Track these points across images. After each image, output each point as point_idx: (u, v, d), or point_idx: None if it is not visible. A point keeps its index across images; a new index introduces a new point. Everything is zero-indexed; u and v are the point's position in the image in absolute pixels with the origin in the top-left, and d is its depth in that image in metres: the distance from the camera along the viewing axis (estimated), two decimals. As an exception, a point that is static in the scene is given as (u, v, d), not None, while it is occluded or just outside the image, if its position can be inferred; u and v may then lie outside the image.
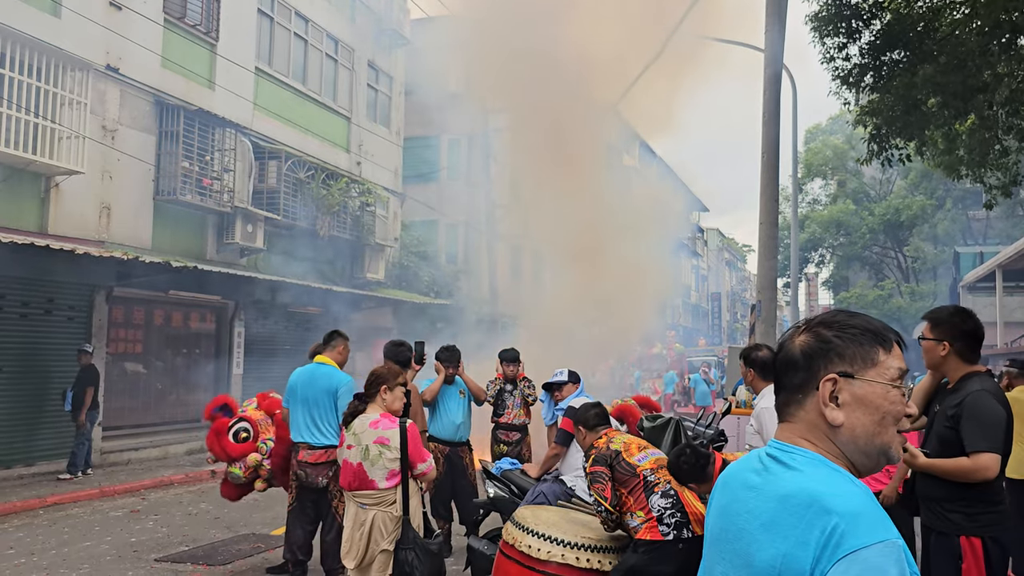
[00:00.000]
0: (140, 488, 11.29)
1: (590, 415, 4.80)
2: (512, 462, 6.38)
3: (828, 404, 1.47)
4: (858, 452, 1.47)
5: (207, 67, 15.04)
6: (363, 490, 4.57)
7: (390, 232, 20.63)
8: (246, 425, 6.63)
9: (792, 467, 1.45)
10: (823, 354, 1.49)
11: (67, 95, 11.88)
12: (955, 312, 3.76)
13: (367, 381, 4.85)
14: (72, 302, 12.51)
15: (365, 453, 4.56)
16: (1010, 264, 18.14)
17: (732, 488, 1.55)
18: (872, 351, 1.48)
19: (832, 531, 1.31)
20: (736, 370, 8.83)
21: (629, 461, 4.37)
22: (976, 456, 3.44)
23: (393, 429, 4.62)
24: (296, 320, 17.69)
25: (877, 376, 1.47)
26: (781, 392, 1.56)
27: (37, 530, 8.54)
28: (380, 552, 4.54)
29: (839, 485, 1.38)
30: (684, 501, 4.25)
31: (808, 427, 1.49)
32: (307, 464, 6.08)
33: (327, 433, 6.08)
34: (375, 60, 20.58)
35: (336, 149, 18.83)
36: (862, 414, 1.46)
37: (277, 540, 8.12)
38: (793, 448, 1.48)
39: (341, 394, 6.02)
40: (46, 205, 11.95)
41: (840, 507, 1.33)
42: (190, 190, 13.88)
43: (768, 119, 11.88)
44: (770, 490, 1.44)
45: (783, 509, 1.39)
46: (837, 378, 1.47)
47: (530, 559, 4.56)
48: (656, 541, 4.18)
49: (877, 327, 1.52)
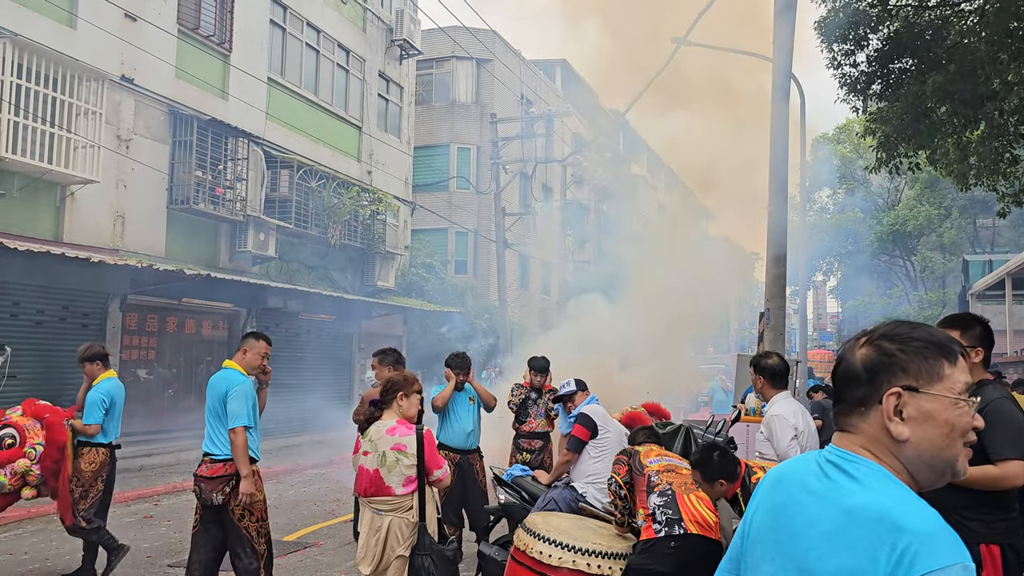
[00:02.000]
0: (153, 494, 11.38)
1: (639, 435, 5.25)
2: (523, 468, 6.44)
3: (893, 419, 1.44)
4: (923, 466, 1.44)
5: (220, 77, 15.19)
6: (379, 496, 4.61)
7: (400, 240, 20.74)
8: (11, 431, 6.46)
9: (857, 479, 1.42)
10: (886, 368, 1.46)
11: (82, 105, 12.03)
12: (971, 320, 3.77)
13: (384, 388, 4.89)
14: (87, 309, 12.63)
15: (382, 459, 4.60)
16: (1020, 272, 18.11)
17: (788, 488, 1.52)
18: (937, 364, 1.45)
19: (905, 550, 1.29)
20: (745, 377, 8.86)
21: (642, 461, 4.53)
22: (1004, 464, 3.41)
23: (410, 436, 4.65)
24: (308, 327, 17.79)
25: (943, 390, 1.43)
26: (840, 404, 1.54)
27: (52, 535, 8.63)
28: (396, 558, 4.58)
29: (910, 503, 1.36)
30: (679, 500, 4.26)
31: (870, 439, 1.47)
32: (202, 478, 5.60)
33: (220, 444, 5.57)
34: (385, 70, 20.72)
35: (347, 158, 18.95)
36: (929, 428, 1.43)
37: (290, 546, 8.19)
38: (857, 458, 1.46)
39: (230, 397, 5.44)
40: (61, 214, 12.09)
41: (913, 526, 1.31)
42: (203, 199, 14.01)
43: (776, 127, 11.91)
44: (834, 499, 1.42)
45: (850, 521, 1.37)
46: (902, 392, 1.44)
47: (542, 565, 4.60)
48: (649, 539, 4.22)
49: (941, 339, 1.48)
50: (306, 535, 8.79)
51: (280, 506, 10.44)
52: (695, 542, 4.16)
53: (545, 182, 29.67)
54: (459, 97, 26.20)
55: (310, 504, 10.78)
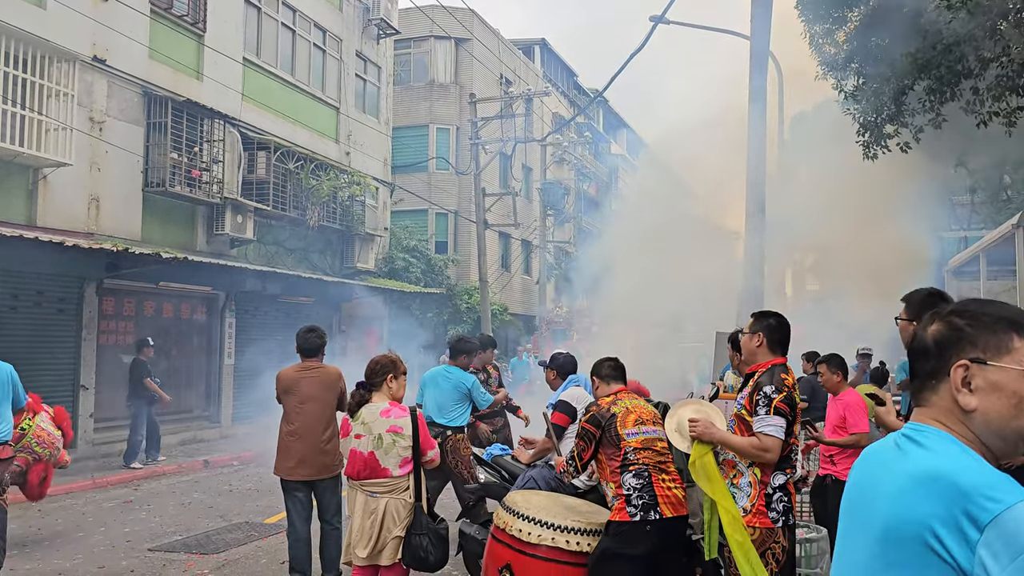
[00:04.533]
0: (133, 479, 11.34)
1: (604, 367, 4.82)
2: (502, 448, 6.45)
3: (960, 390, 1.49)
4: (993, 436, 1.49)
5: (195, 58, 14.99)
6: (374, 479, 4.60)
7: (380, 222, 20.65)
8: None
9: (923, 445, 1.48)
10: (955, 342, 1.51)
11: (54, 87, 11.84)
12: (929, 294, 3.82)
13: (370, 370, 4.83)
14: (62, 294, 12.51)
15: (378, 442, 4.58)
16: (994, 249, 18.29)
17: (868, 465, 1.60)
18: (1006, 338, 1.49)
19: (967, 505, 1.33)
20: (724, 354, 8.92)
21: (619, 432, 4.37)
22: None
23: (405, 417, 4.67)
24: (287, 310, 17.71)
25: (1012, 362, 1.47)
26: (915, 379, 1.60)
27: (30, 521, 8.59)
28: (392, 539, 4.59)
29: (965, 461, 1.41)
30: (655, 483, 4.28)
31: (942, 411, 1.52)
32: None
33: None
34: (363, 50, 20.52)
35: (325, 139, 18.80)
36: (996, 399, 1.47)
37: (271, 528, 8.19)
38: (926, 428, 1.52)
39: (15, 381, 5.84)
40: (34, 197, 11.92)
41: (968, 481, 1.36)
42: (179, 181, 13.85)
43: (753, 106, 11.95)
44: (900, 467, 1.48)
45: (911, 482, 1.42)
46: (969, 364, 1.48)
47: (521, 543, 4.62)
48: (625, 522, 4.24)
49: (1012, 314, 1.52)
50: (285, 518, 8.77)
51: (260, 489, 10.43)
52: (669, 524, 4.25)
53: (525, 162, 29.60)
54: (438, 77, 26.02)
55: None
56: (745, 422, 3.94)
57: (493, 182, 25.63)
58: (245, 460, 13.25)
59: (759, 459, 3.85)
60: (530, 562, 4.59)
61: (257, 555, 7.28)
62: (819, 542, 5.34)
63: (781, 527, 3.84)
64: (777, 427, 3.80)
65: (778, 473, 3.88)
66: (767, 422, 3.82)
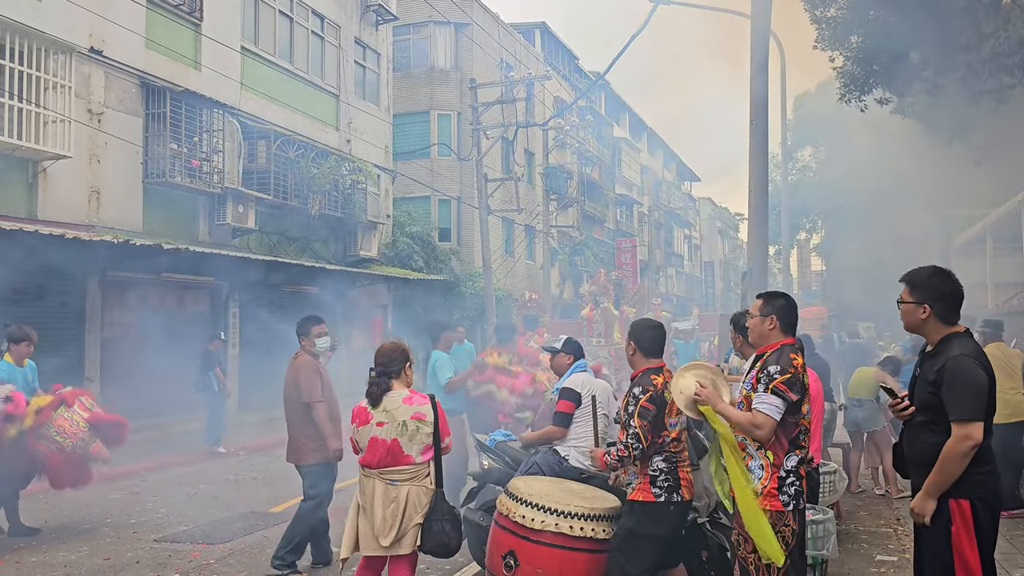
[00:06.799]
0: (139, 470, 11.35)
1: (645, 336, 4.65)
2: (506, 434, 6.42)
3: None
4: None
5: (192, 47, 14.91)
6: (395, 466, 4.58)
7: (382, 209, 20.59)
8: None
9: None
10: None
11: (51, 79, 11.78)
12: (934, 273, 3.68)
13: (387, 358, 4.78)
14: (64, 287, 12.49)
15: (402, 429, 4.57)
16: (1000, 226, 18.18)
17: None
18: None
19: None
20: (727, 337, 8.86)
21: (665, 420, 4.45)
22: (960, 425, 3.41)
23: (427, 405, 4.69)
24: (291, 299, 17.69)
25: None
26: None
27: (36, 512, 8.60)
28: (412, 526, 4.58)
29: None
30: (679, 467, 4.47)
31: None
32: None
33: None
34: (362, 37, 20.41)
35: (325, 127, 18.72)
36: None
37: (276, 517, 8.20)
38: None
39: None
40: (34, 191, 11.90)
41: None
42: (180, 172, 13.81)
43: (755, 85, 11.83)
44: None
45: None
46: None
47: (524, 529, 4.63)
48: (649, 502, 4.39)
49: None
50: (290, 507, 8.78)
51: (265, 479, 10.45)
52: (687, 507, 4.56)
53: (527, 147, 29.48)
54: (438, 63, 25.87)
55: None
56: (751, 401, 3.94)
57: (495, 167, 25.53)
58: (250, 449, 13.27)
59: (750, 434, 3.88)
60: (534, 548, 4.60)
61: (263, 545, 7.29)
62: (825, 523, 5.31)
63: (792, 510, 3.85)
64: (772, 406, 3.81)
65: (791, 455, 3.89)
66: (763, 399, 3.84)
